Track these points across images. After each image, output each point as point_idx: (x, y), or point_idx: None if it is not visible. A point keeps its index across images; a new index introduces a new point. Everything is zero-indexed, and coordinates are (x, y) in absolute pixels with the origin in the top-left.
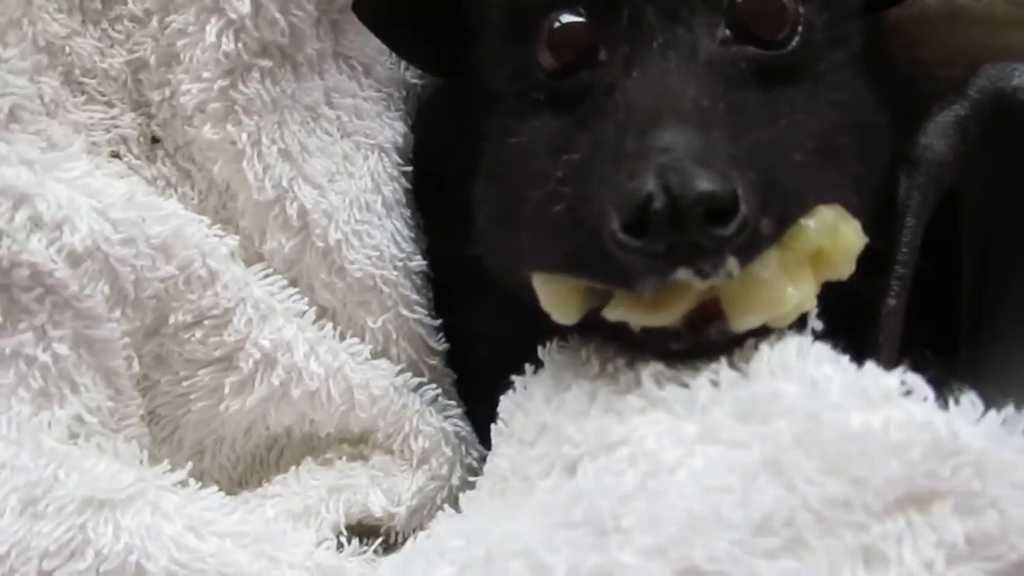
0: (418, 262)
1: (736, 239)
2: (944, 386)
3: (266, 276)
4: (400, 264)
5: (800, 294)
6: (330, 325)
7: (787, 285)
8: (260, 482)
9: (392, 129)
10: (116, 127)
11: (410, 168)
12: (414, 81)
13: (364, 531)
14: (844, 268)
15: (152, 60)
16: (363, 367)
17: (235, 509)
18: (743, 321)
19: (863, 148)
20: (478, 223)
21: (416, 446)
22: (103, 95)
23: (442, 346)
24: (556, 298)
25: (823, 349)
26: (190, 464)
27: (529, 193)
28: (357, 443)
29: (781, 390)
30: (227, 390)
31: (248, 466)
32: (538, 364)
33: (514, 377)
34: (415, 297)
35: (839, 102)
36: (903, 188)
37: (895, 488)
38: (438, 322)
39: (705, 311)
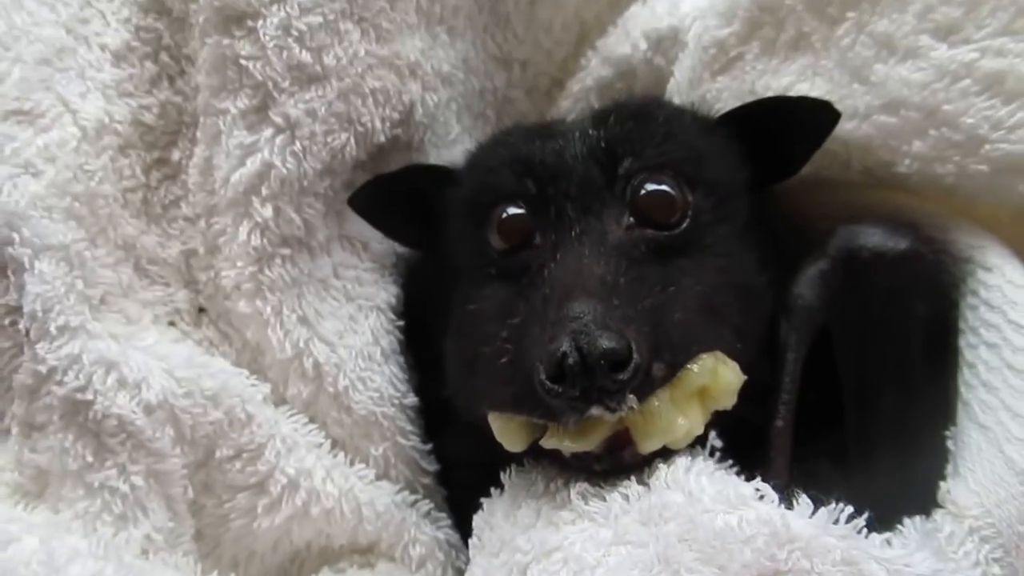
0: (411, 399)
1: (633, 381)
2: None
3: (291, 415)
4: (397, 401)
5: (689, 423)
6: (342, 454)
7: (678, 416)
8: None
9: (386, 292)
10: (172, 302)
11: (402, 322)
12: (402, 251)
13: None
14: (727, 401)
15: (201, 250)
16: (369, 488)
17: None
18: (647, 445)
19: (743, 304)
20: (447, 372)
21: (414, 553)
22: (163, 278)
23: (433, 467)
24: (505, 431)
25: (703, 465)
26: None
27: (482, 349)
28: (365, 552)
29: (671, 499)
30: (260, 510)
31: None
32: (501, 487)
33: (483, 500)
34: (409, 428)
35: (722, 268)
36: (783, 330)
37: (749, 570)
38: (428, 447)
39: (619, 438)
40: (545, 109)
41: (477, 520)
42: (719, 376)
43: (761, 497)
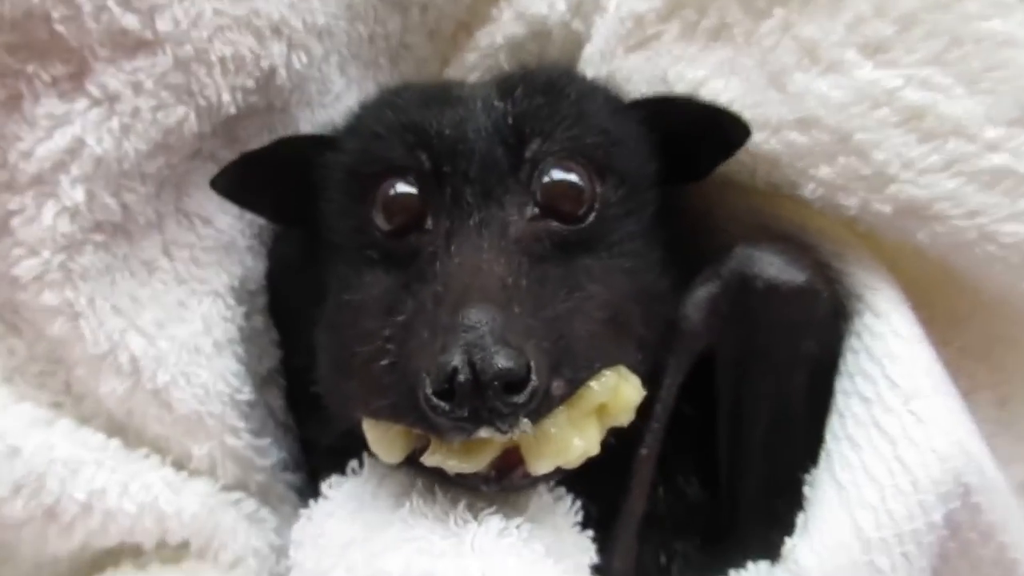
0: (245, 394)
1: (528, 404)
2: None
3: (74, 431)
4: (227, 398)
5: (586, 443)
6: (145, 457)
7: (574, 437)
8: None
9: (228, 274)
10: None
11: (244, 308)
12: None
13: None
14: (625, 418)
15: None
16: (178, 496)
17: None
18: (539, 466)
19: (647, 312)
20: (318, 367)
21: (224, 557)
22: None
23: (271, 460)
24: (381, 441)
25: (515, 537)
26: None
27: (359, 348)
28: (176, 548)
29: (468, 573)
30: (51, 536)
31: (88, 571)
32: (319, 497)
33: (302, 511)
34: (241, 425)
35: (628, 270)
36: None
37: None
38: (265, 441)
39: (508, 458)
40: (450, 54)
41: (296, 531)
42: (620, 393)
43: None
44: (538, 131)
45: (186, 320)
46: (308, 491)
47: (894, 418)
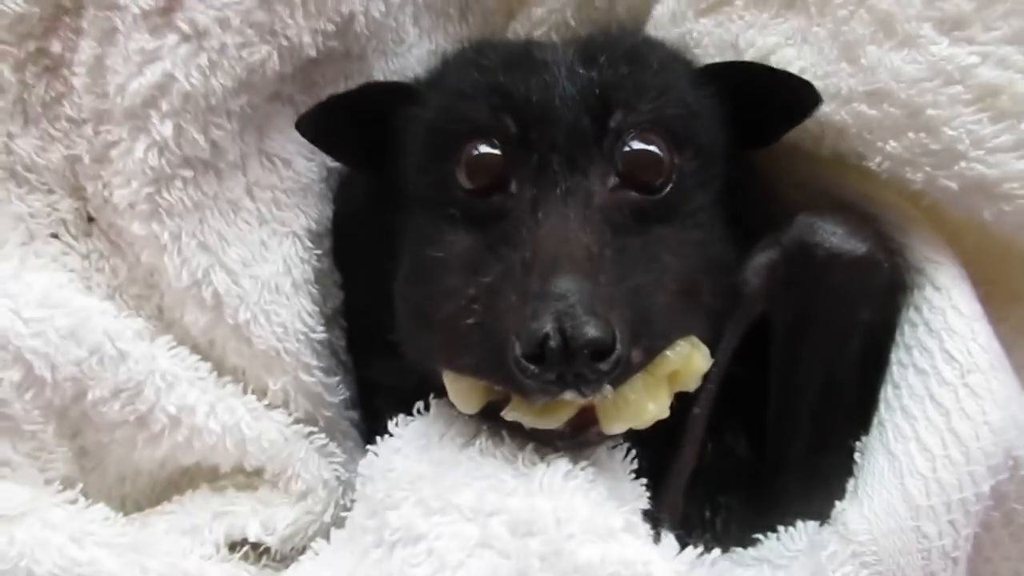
0: (319, 333)
1: (612, 372)
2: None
3: (171, 348)
4: (303, 336)
5: (658, 408)
6: (232, 384)
7: (648, 402)
8: (172, 499)
9: (306, 216)
10: (56, 211)
11: (320, 250)
12: (333, 165)
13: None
14: (693, 384)
15: (87, 158)
16: (258, 422)
17: (116, 522)
18: (613, 427)
19: (715, 282)
20: (398, 318)
21: (295, 487)
22: (44, 184)
23: (338, 398)
24: (461, 392)
25: (581, 478)
26: (80, 485)
27: (444, 304)
28: (250, 475)
29: (540, 511)
30: (140, 444)
31: (164, 489)
32: (388, 434)
33: (369, 447)
34: (314, 363)
35: (700, 241)
36: None
37: None
38: (335, 379)
39: (584, 417)
40: (515, 7)
41: (363, 466)
42: (692, 362)
43: (631, 529)
44: (622, 102)
45: (268, 260)
46: (364, 429)
47: (949, 391)
